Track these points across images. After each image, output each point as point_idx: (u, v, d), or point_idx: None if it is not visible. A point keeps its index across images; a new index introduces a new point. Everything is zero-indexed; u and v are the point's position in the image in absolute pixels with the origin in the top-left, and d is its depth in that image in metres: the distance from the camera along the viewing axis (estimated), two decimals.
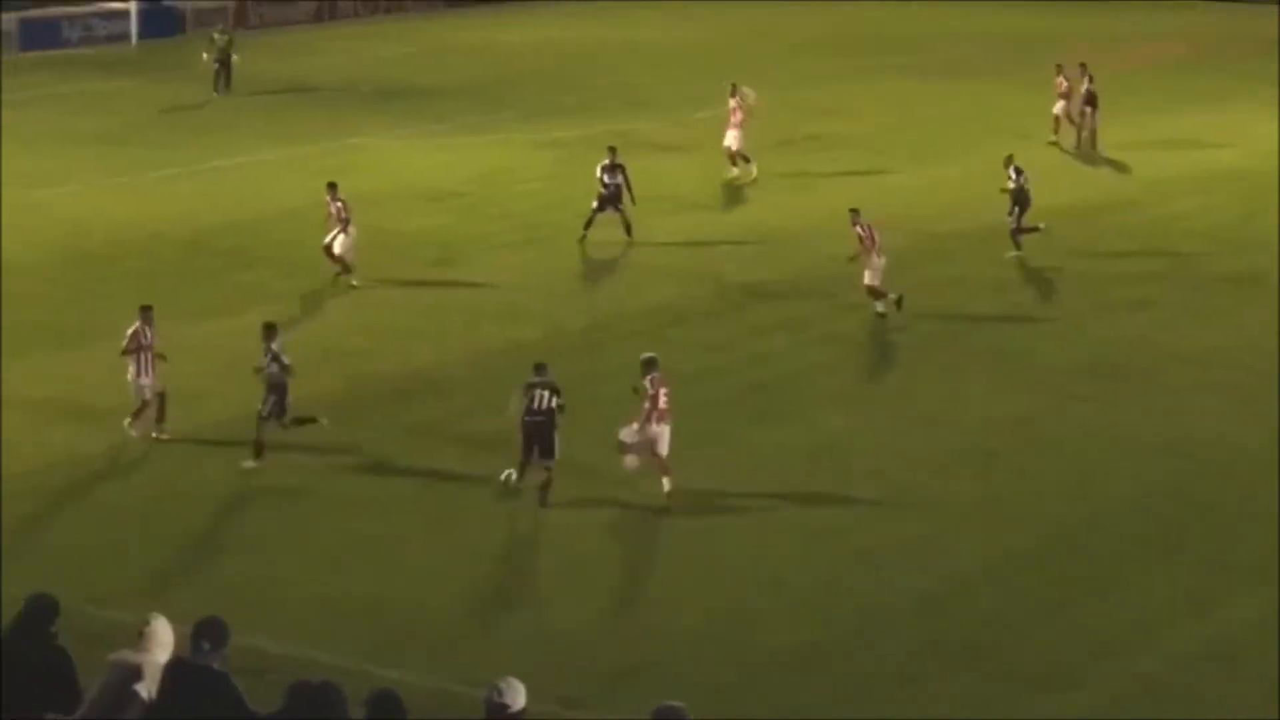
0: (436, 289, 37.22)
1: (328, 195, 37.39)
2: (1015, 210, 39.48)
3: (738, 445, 28.66)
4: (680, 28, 73.79)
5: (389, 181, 46.18)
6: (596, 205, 40.18)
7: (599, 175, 40.36)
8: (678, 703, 11.33)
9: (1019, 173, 39.67)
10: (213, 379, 31.33)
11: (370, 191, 45.05)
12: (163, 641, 12.31)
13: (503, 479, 26.41)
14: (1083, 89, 50.00)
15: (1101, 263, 39.43)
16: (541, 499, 26.01)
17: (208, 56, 58.82)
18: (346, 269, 37.22)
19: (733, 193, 45.10)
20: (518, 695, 11.59)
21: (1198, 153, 49.70)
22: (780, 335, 34.43)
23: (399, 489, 26.94)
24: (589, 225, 40.18)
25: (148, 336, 28.57)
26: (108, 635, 16.08)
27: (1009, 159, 40.28)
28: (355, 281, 37.04)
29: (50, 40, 68.07)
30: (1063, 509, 26.35)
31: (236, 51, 58.61)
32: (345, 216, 37.05)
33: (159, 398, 28.59)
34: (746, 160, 46.48)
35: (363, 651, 21.41)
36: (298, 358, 32.20)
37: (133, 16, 68.86)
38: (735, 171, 46.47)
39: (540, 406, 26.01)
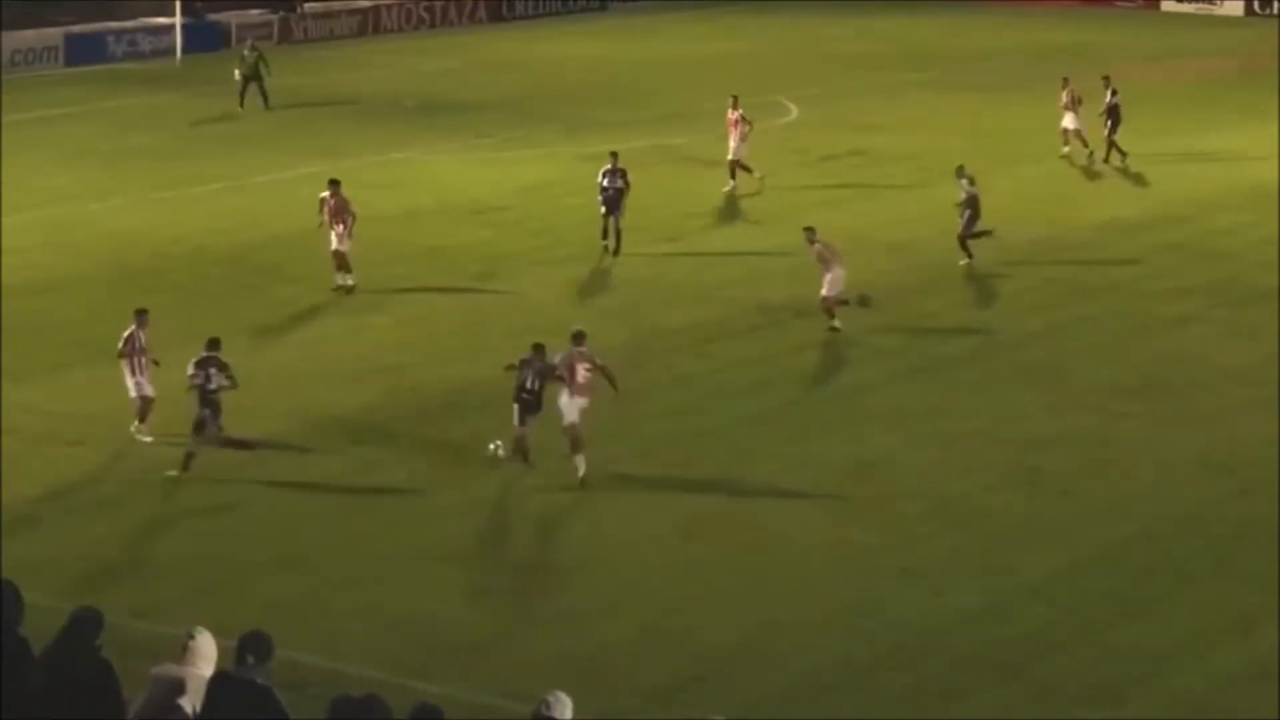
0: (479, 303, 37.26)
1: (327, 191, 37.70)
2: (967, 216, 39.75)
3: (780, 461, 28.62)
4: (723, 43, 73.75)
5: (432, 196, 46.28)
6: (604, 211, 40.55)
7: (600, 180, 40.76)
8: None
9: (971, 182, 40.04)
10: (257, 394, 31.41)
11: (414, 206, 45.24)
12: (206, 655, 12.37)
13: (490, 449, 27.74)
14: (1105, 103, 49.82)
15: (1144, 279, 39.27)
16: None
17: (238, 73, 59.09)
18: (346, 267, 37.50)
19: (774, 207, 45.00)
20: (566, 709, 11.64)
21: (1242, 168, 49.47)
22: (822, 351, 34.39)
23: (440, 503, 26.96)
24: (605, 234, 40.56)
25: (142, 340, 29.09)
26: (151, 648, 16.17)
27: (960, 168, 40.68)
28: (352, 281, 37.40)
29: (96, 55, 68.41)
30: (1107, 527, 26.25)
31: (267, 67, 58.78)
32: (352, 211, 37.44)
33: (144, 401, 28.97)
34: (750, 171, 46.68)
35: (405, 666, 21.46)
36: (341, 372, 32.51)
37: (177, 31, 69.06)
38: (733, 184, 46.69)
39: (531, 386, 27.59)
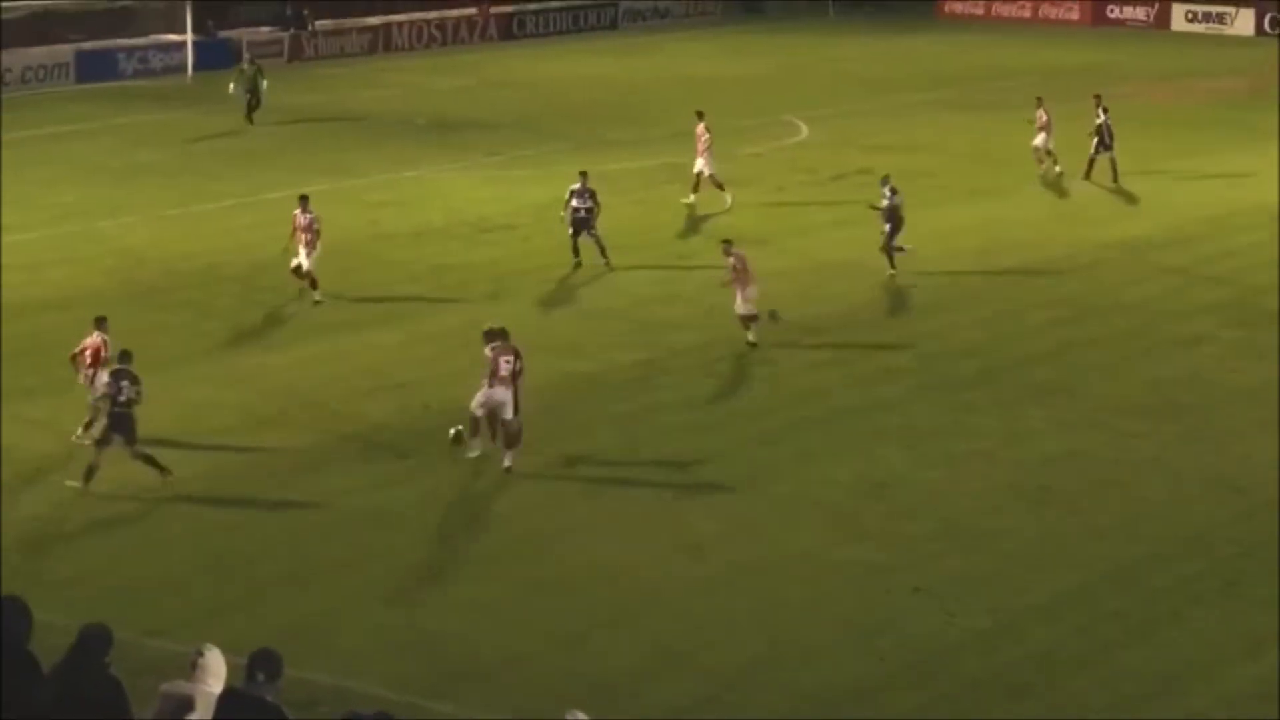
0: (490, 322, 37.16)
1: (298, 209, 38.19)
2: (888, 228, 40.00)
3: (791, 480, 28.59)
4: (733, 62, 73.83)
5: (441, 214, 46.30)
6: (572, 231, 40.68)
7: (568, 199, 40.85)
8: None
9: (894, 192, 40.27)
10: (269, 410, 31.47)
11: (423, 224, 45.28)
12: (216, 672, 12.35)
13: (451, 434, 28.95)
14: (1095, 122, 49.89)
15: (1154, 299, 39.27)
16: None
17: (234, 88, 59.31)
18: (314, 284, 37.94)
19: (784, 226, 44.98)
20: None
21: (1252, 188, 49.41)
22: (833, 370, 34.36)
23: (452, 521, 26.94)
24: (575, 252, 40.66)
25: (107, 349, 29.39)
26: (160, 666, 16.16)
27: (885, 178, 41.07)
28: (319, 297, 37.86)
29: (107, 72, 68.56)
30: (1117, 547, 26.19)
31: (264, 81, 59.16)
32: (317, 229, 37.94)
33: (96, 409, 29.08)
34: (720, 188, 46.66)
35: (415, 685, 21.44)
36: (351, 389, 32.49)
37: (188, 49, 69.23)
38: (692, 199, 46.95)
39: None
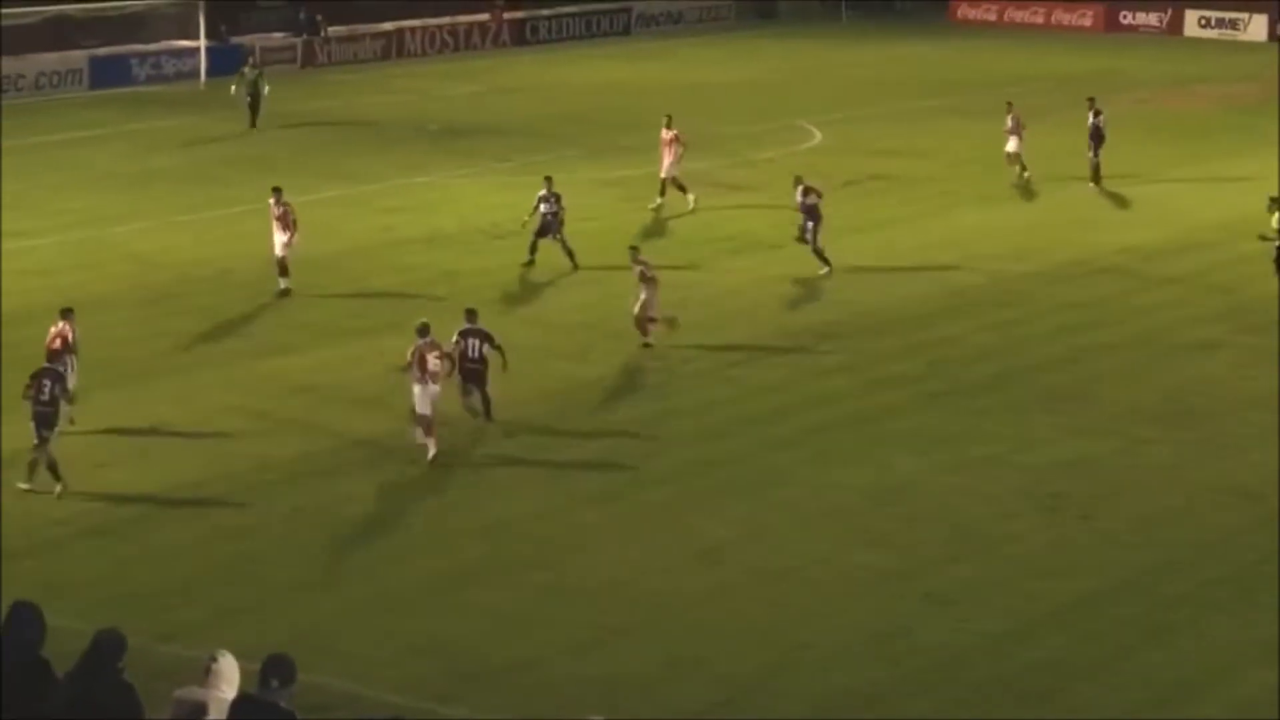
0: (500, 327, 37.15)
1: (272, 199, 39.18)
2: (809, 227, 40.62)
3: (802, 486, 28.58)
4: (744, 68, 73.85)
5: (454, 220, 46.32)
6: (536, 233, 41.22)
7: (535, 204, 41.34)
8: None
9: (806, 193, 40.86)
10: (281, 415, 31.49)
11: (435, 230, 45.29)
12: (229, 678, 12.35)
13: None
14: (1088, 124, 49.96)
15: (1167, 305, 39.22)
16: (485, 414, 30.61)
17: (236, 91, 59.41)
18: (284, 271, 38.89)
19: (796, 233, 44.98)
20: None
21: (1264, 193, 49.20)
22: (845, 376, 34.33)
23: (465, 528, 26.93)
24: (533, 251, 41.23)
25: (74, 338, 30.23)
26: (174, 671, 16.16)
27: (798, 179, 41.68)
28: (286, 285, 38.85)
29: (120, 78, 68.66)
30: (1130, 553, 26.16)
31: (265, 86, 59.40)
32: (292, 219, 38.78)
33: (68, 395, 29.57)
34: (684, 191, 46.81)
35: (427, 690, 21.46)
36: (363, 395, 32.48)
37: (201, 55, 69.34)
38: (661, 200, 47.18)
39: (473, 355, 30.41)
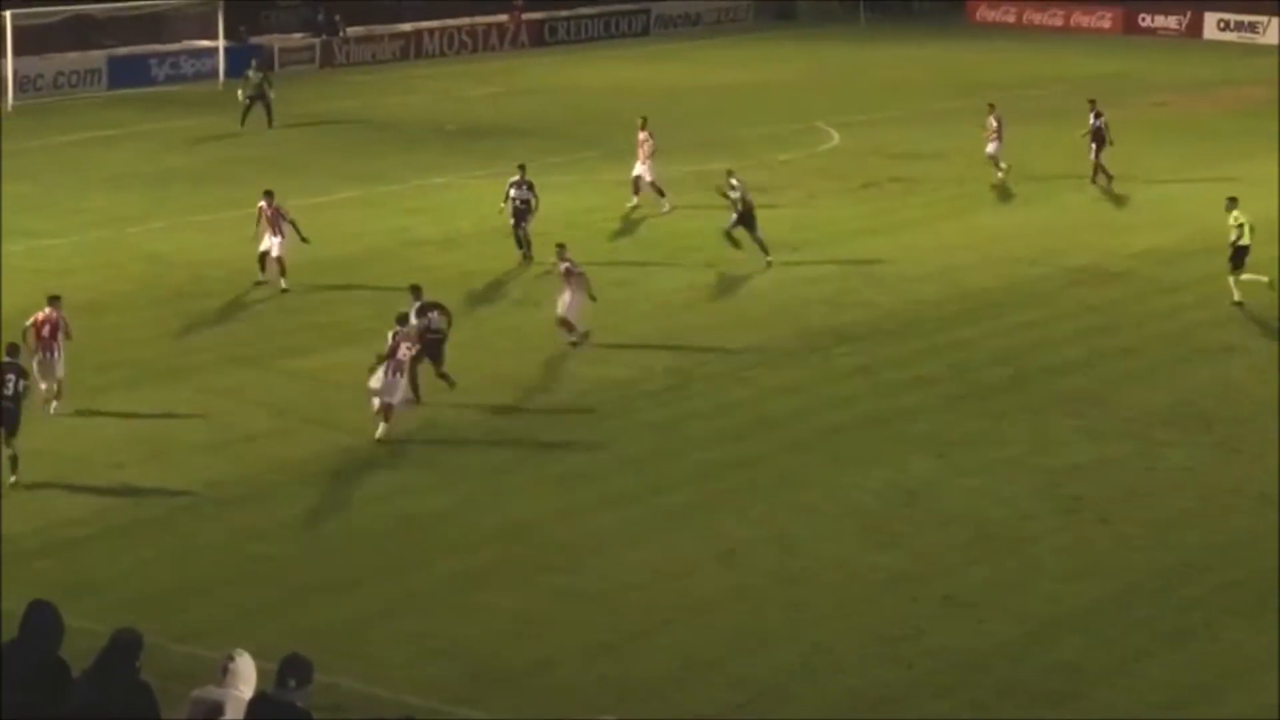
0: (519, 328, 37.24)
1: (263, 201, 39.41)
2: (736, 218, 41.46)
3: (821, 488, 28.55)
4: (763, 69, 73.84)
5: (472, 221, 46.30)
6: (513, 222, 41.73)
7: (507, 190, 41.91)
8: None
9: (735, 185, 41.72)
10: (298, 415, 31.51)
11: (454, 231, 45.32)
12: (246, 677, 12.35)
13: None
14: (1089, 125, 49.97)
15: (1185, 308, 39.15)
16: (448, 382, 32.15)
17: (242, 94, 59.55)
18: (282, 270, 39.09)
19: (815, 234, 44.96)
20: None
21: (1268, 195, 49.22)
22: (863, 378, 34.30)
23: (481, 529, 26.92)
24: (519, 244, 41.74)
25: (65, 325, 30.74)
26: (191, 671, 16.18)
27: (729, 172, 42.67)
28: (285, 285, 39.11)
29: (139, 78, 68.76)
30: (1148, 556, 26.11)
31: (271, 87, 59.77)
32: (288, 218, 39.17)
33: (59, 383, 30.78)
34: (661, 193, 46.88)
35: (444, 692, 21.44)
36: None
37: (220, 55, 69.45)
38: (635, 201, 47.51)
39: (436, 327, 32.20)
